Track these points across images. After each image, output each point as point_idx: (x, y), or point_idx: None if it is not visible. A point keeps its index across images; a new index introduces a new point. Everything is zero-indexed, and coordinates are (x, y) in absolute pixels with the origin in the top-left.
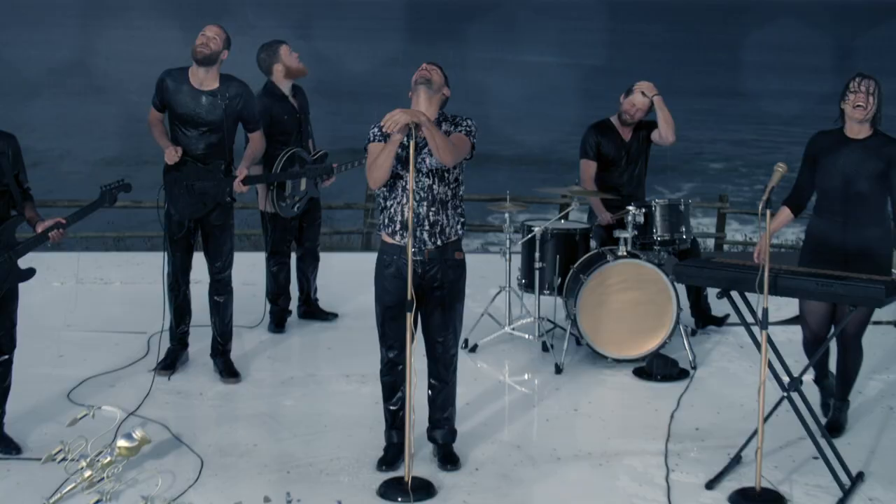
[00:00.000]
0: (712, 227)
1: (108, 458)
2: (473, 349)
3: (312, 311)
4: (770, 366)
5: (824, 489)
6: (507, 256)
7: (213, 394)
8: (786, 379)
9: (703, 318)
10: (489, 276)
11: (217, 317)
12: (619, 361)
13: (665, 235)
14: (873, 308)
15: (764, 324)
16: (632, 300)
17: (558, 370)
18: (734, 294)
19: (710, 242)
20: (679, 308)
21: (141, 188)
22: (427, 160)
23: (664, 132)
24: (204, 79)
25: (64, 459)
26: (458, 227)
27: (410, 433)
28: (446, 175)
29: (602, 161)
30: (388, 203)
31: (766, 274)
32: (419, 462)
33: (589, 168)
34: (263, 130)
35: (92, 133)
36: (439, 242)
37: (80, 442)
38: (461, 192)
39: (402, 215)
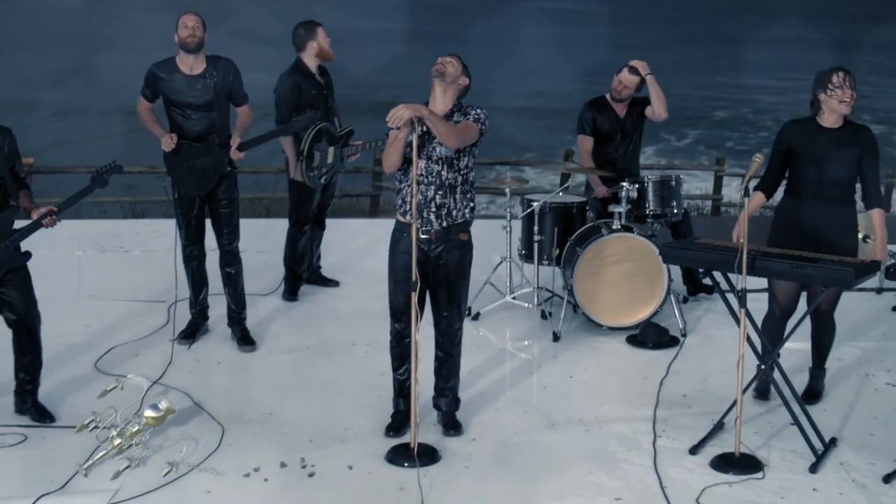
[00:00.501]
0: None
1: (137, 427)
2: (476, 317)
3: (314, 277)
4: (749, 339)
5: (799, 454)
6: (508, 229)
7: (231, 362)
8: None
9: (694, 286)
10: (492, 243)
11: (230, 287)
12: (613, 329)
13: (657, 210)
14: (843, 289)
15: (742, 302)
16: (625, 271)
17: (556, 338)
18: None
19: (709, 204)
20: (670, 278)
21: (157, 145)
22: (437, 149)
23: (657, 109)
24: (193, 64)
25: (96, 428)
26: (467, 211)
27: (416, 403)
28: (455, 162)
29: (598, 136)
30: (401, 185)
31: (745, 257)
32: (425, 428)
33: (586, 143)
34: (293, 105)
35: (105, 86)
36: (445, 224)
37: (110, 412)
38: (471, 178)
39: (408, 202)
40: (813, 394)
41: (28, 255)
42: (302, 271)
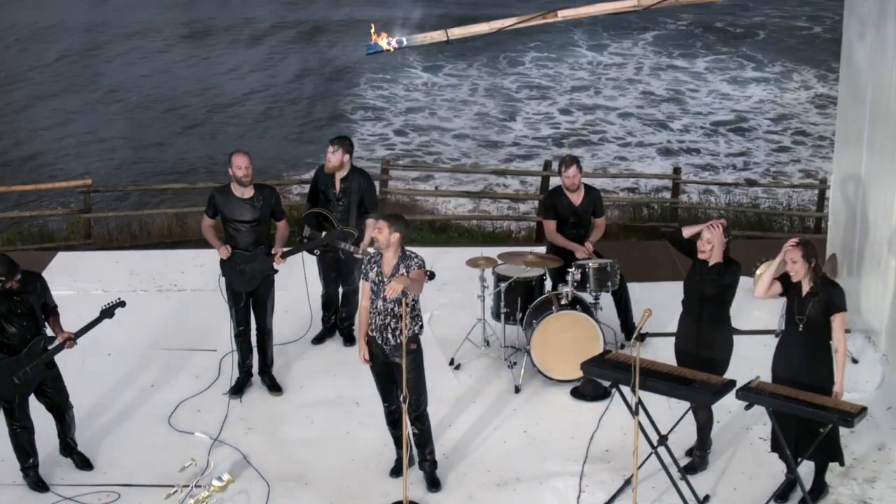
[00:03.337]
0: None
1: (206, 493)
2: (458, 367)
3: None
4: (641, 427)
5: None
6: (482, 298)
7: (271, 419)
8: (654, 437)
9: (629, 334)
10: (473, 298)
11: (262, 351)
12: (560, 381)
13: (596, 289)
14: (706, 406)
15: (636, 412)
16: (570, 338)
17: (517, 390)
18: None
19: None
20: (605, 342)
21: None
22: (388, 294)
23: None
24: (244, 191)
25: (176, 493)
26: (416, 328)
27: (406, 480)
28: (402, 300)
29: (559, 218)
30: (371, 312)
31: (637, 379)
32: (414, 483)
33: (549, 225)
34: (312, 193)
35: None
36: (399, 341)
37: (187, 478)
38: (417, 307)
39: (374, 323)
40: (690, 468)
41: (55, 367)
42: (327, 322)
